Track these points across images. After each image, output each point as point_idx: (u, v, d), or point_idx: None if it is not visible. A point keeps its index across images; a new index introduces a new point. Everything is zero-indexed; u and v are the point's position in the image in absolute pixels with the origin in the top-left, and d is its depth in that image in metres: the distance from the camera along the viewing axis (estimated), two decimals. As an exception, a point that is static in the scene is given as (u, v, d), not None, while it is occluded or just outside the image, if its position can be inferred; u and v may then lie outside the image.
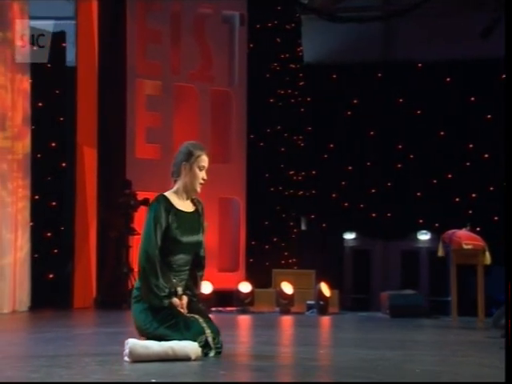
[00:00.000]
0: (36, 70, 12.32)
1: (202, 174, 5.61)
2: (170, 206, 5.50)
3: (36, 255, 12.10)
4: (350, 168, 15.16)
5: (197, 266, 5.76)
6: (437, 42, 14.68)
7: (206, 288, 11.09)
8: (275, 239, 13.86)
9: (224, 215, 13.20)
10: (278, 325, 9.52)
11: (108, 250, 12.16)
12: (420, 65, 15.11)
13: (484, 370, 4.86)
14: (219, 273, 12.68)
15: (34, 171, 11.98)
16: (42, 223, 12.31)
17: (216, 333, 5.44)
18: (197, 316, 5.46)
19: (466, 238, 9.79)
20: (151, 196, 12.00)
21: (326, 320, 10.35)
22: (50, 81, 12.72)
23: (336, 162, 15.09)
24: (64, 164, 12.59)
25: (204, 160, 5.62)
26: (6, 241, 10.90)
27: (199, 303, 5.75)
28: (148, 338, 5.34)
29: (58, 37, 12.93)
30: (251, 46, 13.79)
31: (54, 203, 12.58)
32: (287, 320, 10.41)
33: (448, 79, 14.86)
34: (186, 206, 5.61)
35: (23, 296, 11.19)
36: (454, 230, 10.03)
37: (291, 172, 14.52)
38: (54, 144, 12.66)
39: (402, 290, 11.31)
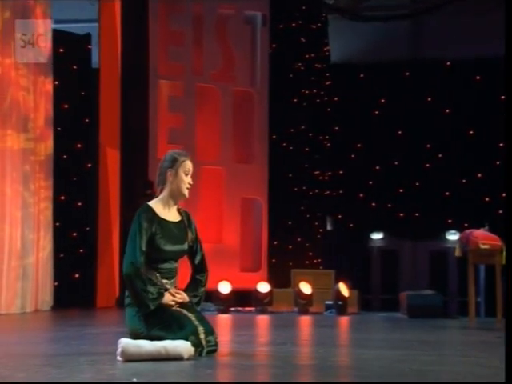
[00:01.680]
0: (62, 71, 12.53)
1: (188, 179, 5.63)
2: (153, 216, 5.54)
3: (62, 255, 12.28)
4: (377, 168, 15.08)
5: (196, 272, 5.78)
6: (466, 40, 14.54)
7: (225, 288, 11.14)
8: (299, 239, 13.84)
9: (246, 215, 13.24)
10: (291, 324, 9.51)
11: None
12: (449, 63, 14.98)
13: (473, 370, 4.80)
14: (241, 273, 12.72)
15: (60, 172, 12.17)
16: (68, 223, 12.48)
17: (209, 332, 5.45)
18: (190, 315, 5.48)
19: (483, 237, 9.68)
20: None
21: (343, 320, 10.32)
22: (76, 83, 12.91)
23: (363, 162, 15.02)
24: (89, 165, 12.74)
25: (189, 165, 5.66)
26: (29, 241, 11.06)
27: (197, 304, 5.75)
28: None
29: (84, 39, 13.12)
30: (274, 46, 13.79)
31: (79, 203, 12.73)
32: (304, 320, 10.40)
33: (477, 77, 14.71)
34: (170, 215, 5.63)
35: (46, 295, 11.35)
36: (471, 230, 9.92)
37: (316, 172, 14.48)
38: (79, 145, 12.82)
39: (420, 291, 11.22)
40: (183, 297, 5.59)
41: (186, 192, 5.63)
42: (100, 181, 12.33)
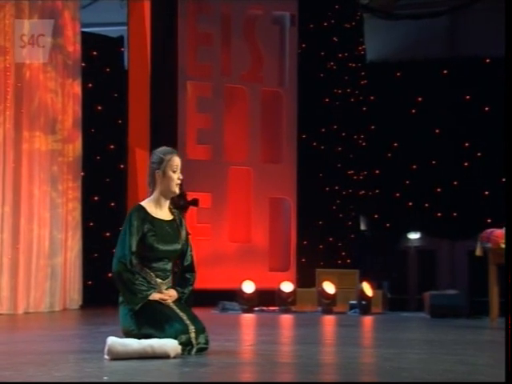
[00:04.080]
0: (95, 74, 12.76)
1: (177, 175, 5.65)
2: (145, 215, 5.57)
3: (96, 254, 12.48)
4: (414, 167, 14.97)
5: (185, 271, 5.81)
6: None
7: (249, 287, 11.18)
8: (331, 239, 13.78)
9: (274, 215, 13.28)
10: (307, 324, 9.48)
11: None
12: (488, 60, 14.78)
13: (463, 369, 4.74)
14: (270, 272, 12.74)
15: (93, 173, 12.37)
16: (101, 223, 12.66)
17: (200, 330, 5.47)
18: (182, 314, 5.51)
19: (504, 237, 9.51)
20: (201, 196, 12.28)
21: (365, 320, 10.25)
22: (109, 85, 13.10)
23: (400, 161, 14.92)
24: (122, 166, 12.91)
25: (175, 161, 5.67)
26: (57, 241, 11.24)
27: (189, 301, 5.78)
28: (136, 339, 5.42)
29: (116, 42, 13.33)
30: (303, 46, 13.78)
31: (112, 204, 12.92)
32: (327, 319, 10.36)
33: (518, 75, 14.44)
34: (163, 214, 5.67)
35: (74, 294, 11.53)
36: (492, 229, 9.77)
37: (350, 171, 14.41)
38: (112, 146, 13.01)
39: (444, 290, 11.10)
40: (172, 294, 5.62)
41: (177, 189, 5.67)
42: (129, 181, 12.49)
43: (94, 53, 13.11)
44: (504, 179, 13.24)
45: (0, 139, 10.54)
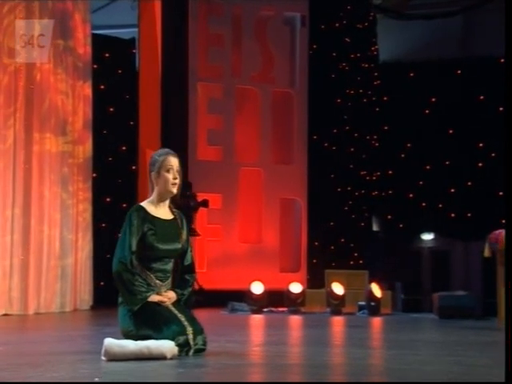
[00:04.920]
0: (107, 76, 12.81)
1: (172, 175, 5.67)
2: (145, 214, 5.61)
3: (108, 255, 12.50)
4: (427, 167, 14.91)
5: (185, 272, 5.82)
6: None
7: (258, 288, 11.20)
8: (342, 240, 13.76)
9: (285, 216, 13.31)
10: (315, 325, 9.48)
11: (170, 250, 12.39)
12: (502, 60, 14.67)
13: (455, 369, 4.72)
14: (280, 273, 12.76)
15: (105, 174, 12.42)
16: (114, 224, 12.69)
17: (198, 332, 5.49)
18: (180, 315, 5.53)
19: (513, 237, 9.46)
20: (211, 197, 12.33)
21: (373, 321, 10.23)
22: (121, 86, 13.16)
23: (413, 162, 14.87)
24: (133, 167, 12.96)
25: (169, 161, 5.68)
26: (68, 242, 11.30)
27: (185, 303, 5.78)
28: (135, 340, 5.45)
29: (128, 43, 13.37)
30: (314, 46, 13.78)
31: (124, 205, 12.94)
32: (335, 320, 10.35)
33: (532, 75, 14.36)
34: (163, 213, 5.71)
35: (85, 295, 11.58)
36: (500, 230, 9.71)
37: (363, 172, 14.38)
38: (124, 147, 13.07)
39: (453, 291, 11.06)
40: (171, 296, 5.64)
41: (173, 189, 5.67)
42: (140, 182, 12.53)
43: (106, 55, 13.16)
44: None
45: (11, 141, 10.63)
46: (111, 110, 13.06)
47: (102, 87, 12.79)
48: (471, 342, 7.22)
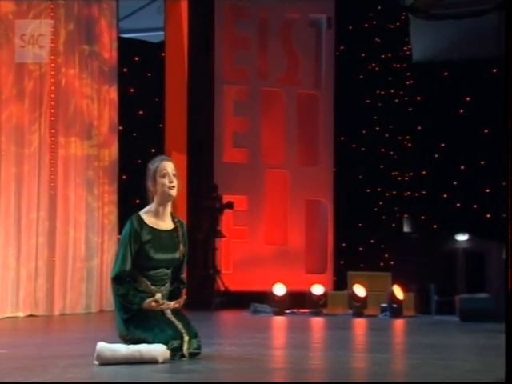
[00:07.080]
0: (137, 79, 12.97)
1: (168, 179, 5.72)
2: (142, 224, 5.67)
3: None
4: (462, 167, 14.73)
5: (179, 283, 5.91)
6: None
7: (280, 290, 11.22)
8: (372, 241, 13.68)
9: (311, 217, 13.29)
10: (336, 327, 9.48)
11: (196, 252, 12.48)
12: (539, 58, 14.44)
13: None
14: (306, 275, 12.75)
15: (134, 176, 12.53)
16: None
17: (192, 336, 5.55)
18: (177, 322, 5.59)
19: (532, 239, 9.30)
20: (237, 199, 12.38)
21: (395, 323, 10.19)
22: (150, 89, 13.30)
23: (447, 162, 14.70)
24: (162, 169, 13.04)
25: (163, 166, 5.76)
26: (93, 244, 11.45)
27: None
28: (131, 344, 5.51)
29: (158, 47, 13.50)
30: (342, 48, 13.73)
31: (152, 207, 13.05)
32: (357, 323, 10.33)
33: None
34: (162, 223, 5.76)
35: (110, 296, 11.67)
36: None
37: (394, 173, 14.27)
38: (153, 150, 13.18)
39: (474, 294, 10.89)
40: (167, 304, 5.69)
41: (171, 191, 5.72)
42: (166, 185, 12.60)
43: (136, 58, 13.32)
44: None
45: (35, 145, 10.82)
46: (140, 112, 13.21)
47: (132, 90, 12.96)
48: (481, 345, 7.16)
